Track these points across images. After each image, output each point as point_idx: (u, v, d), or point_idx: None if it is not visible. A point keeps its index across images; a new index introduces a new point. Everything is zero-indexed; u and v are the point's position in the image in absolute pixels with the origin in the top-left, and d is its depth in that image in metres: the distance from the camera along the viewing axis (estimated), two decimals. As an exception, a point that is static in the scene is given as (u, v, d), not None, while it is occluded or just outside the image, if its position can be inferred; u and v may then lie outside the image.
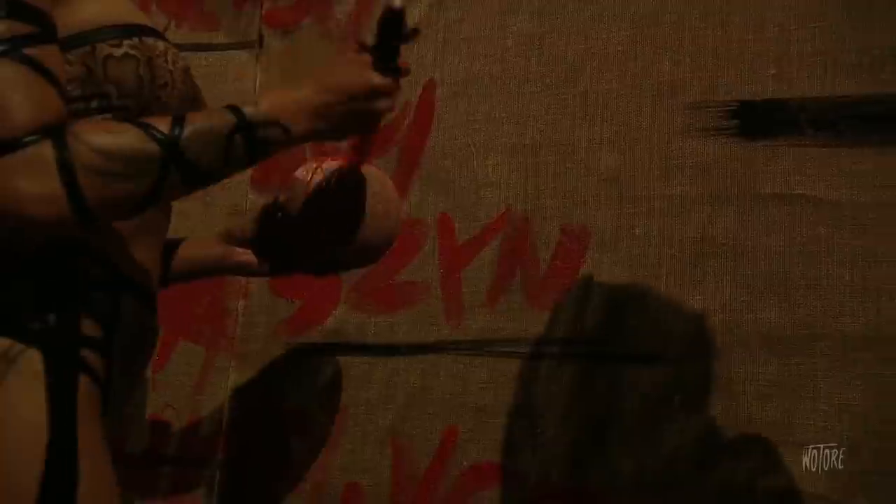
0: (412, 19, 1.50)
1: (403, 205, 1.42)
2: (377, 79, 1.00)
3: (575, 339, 1.32)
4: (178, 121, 0.87)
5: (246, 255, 1.28)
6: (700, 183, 1.27)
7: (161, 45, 0.97)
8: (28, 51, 0.82)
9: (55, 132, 0.81)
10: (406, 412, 1.44)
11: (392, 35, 1.01)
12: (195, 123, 0.88)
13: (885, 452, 1.11)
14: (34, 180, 0.79)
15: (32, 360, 0.84)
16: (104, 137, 0.83)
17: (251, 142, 0.91)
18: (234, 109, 0.92)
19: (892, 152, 1.16)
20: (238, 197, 1.61)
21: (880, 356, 1.14)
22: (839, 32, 1.20)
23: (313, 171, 1.20)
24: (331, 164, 1.21)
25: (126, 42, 0.93)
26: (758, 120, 1.24)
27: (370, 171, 1.24)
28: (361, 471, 1.45)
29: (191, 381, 1.58)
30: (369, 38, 1.03)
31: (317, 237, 1.20)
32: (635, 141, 1.32)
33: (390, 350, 1.46)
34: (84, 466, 0.85)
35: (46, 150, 0.80)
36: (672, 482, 1.23)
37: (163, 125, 0.86)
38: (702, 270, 1.25)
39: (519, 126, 1.41)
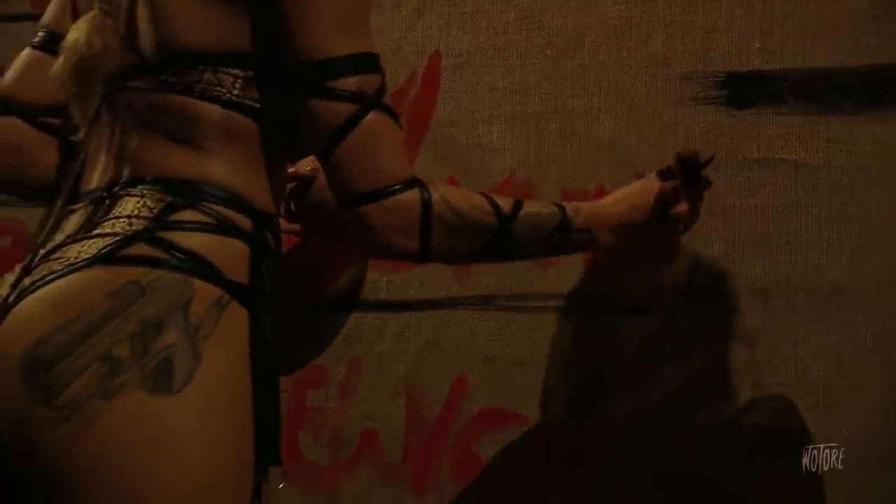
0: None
1: None
2: (679, 207, 1.14)
3: (576, 293, 1.41)
4: (518, 204, 1.02)
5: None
6: (691, 149, 1.36)
7: None
8: (385, 99, 0.95)
9: (422, 184, 0.96)
10: (417, 364, 1.51)
11: (691, 169, 1.16)
12: (529, 211, 1.02)
13: (858, 391, 1.22)
14: (400, 217, 0.94)
15: (238, 311, 0.93)
16: (461, 201, 0.98)
17: (564, 240, 1.05)
18: (560, 208, 1.05)
19: (865, 120, 1.25)
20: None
21: (858, 306, 1.24)
22: (818, 9, 1.28)
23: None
24: None
25: None
26: (744, 90, 1.33)
27: None
28: (376, 418, 1.52)
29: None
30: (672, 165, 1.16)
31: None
32: (631, 110, 1.40)
33: (402, 306, 1.53)
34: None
35: (415, 196, 0.95)
36: (664, 422, 1.33)
37: (505, 204, 1.01)
38: (693, 228, 1.35)
39: (521, 95, 1.47)
